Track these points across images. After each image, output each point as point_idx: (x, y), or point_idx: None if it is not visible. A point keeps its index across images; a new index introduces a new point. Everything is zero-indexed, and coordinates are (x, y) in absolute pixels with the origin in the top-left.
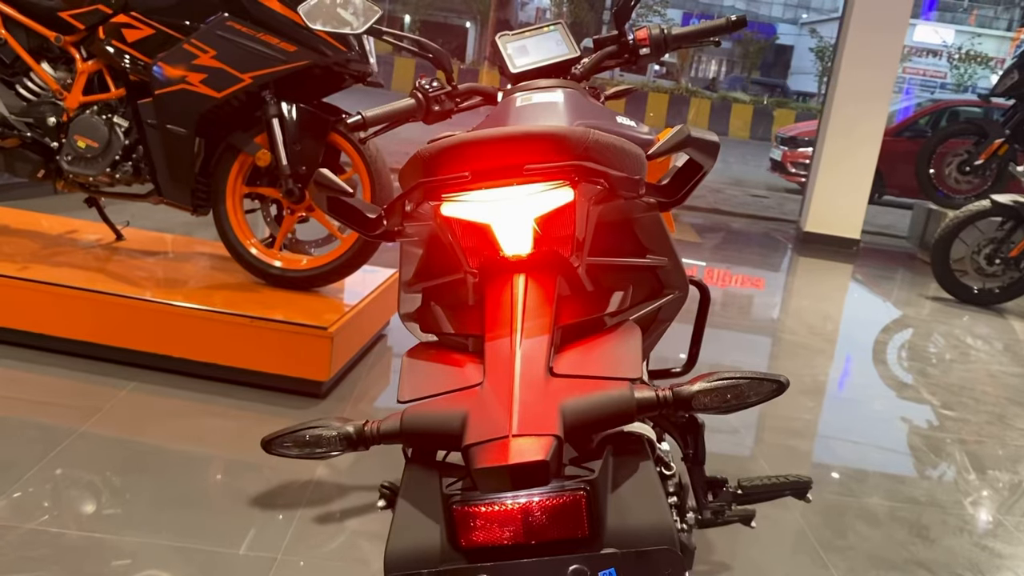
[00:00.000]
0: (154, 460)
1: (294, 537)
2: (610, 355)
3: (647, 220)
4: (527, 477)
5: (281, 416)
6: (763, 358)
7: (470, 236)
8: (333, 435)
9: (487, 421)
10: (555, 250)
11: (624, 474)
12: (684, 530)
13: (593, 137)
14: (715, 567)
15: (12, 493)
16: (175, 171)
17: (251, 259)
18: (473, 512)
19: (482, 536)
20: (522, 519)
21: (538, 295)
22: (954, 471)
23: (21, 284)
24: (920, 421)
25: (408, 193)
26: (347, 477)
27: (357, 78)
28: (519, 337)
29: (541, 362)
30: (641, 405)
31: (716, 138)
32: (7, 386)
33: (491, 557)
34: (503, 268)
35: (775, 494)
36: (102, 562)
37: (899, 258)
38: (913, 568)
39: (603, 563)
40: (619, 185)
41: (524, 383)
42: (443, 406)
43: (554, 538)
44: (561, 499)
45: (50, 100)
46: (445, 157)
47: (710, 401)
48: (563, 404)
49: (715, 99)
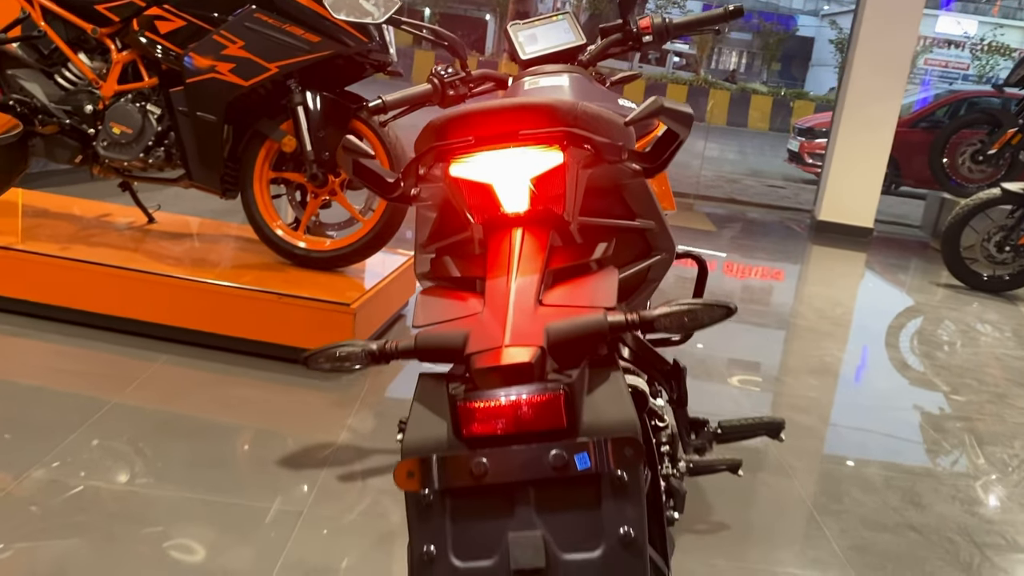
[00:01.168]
0: (186, 426)
1: (319, 494)
2: (590, 290)
3: (635, 186)
4: (516, 376)
5: (306, 387)
6: (772, 340)
7: (475, 195)
8: (359, 351)
9: (485, 336)
10: (549, 208)
11: (597, 381)
12: (676, 476)
13: (581, 108)
14: (714, 527)
15: (57, 452)
16: (205, 156)
17: (277, 240)
18: (472, 407)
19: (480, 427)
20: (513, 413)
21: (533, 244)
22: (951, 445)
23: (61, 263)
24: (922, 399)
25: (422, 156)
26: (369, 442)
27: (378, 67)
28: (515, 276)
29: (532, 295)
30: (613, 326)
31: (689, 110)
32: (48, 358)
33: (487, 444)
34: (504, 223)
35: (751, 433)
36: (141, 513)
37: (912, 247)
38: (904, 531)
39: (578, 448)
40: (603, 150)
41: (517, 310)
42: (449, 328)
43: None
44: (544, 396)
45: (87, 89)
46: (453, 125)
47: (669, 323)
48: (548, 325)
49: (734, 90)
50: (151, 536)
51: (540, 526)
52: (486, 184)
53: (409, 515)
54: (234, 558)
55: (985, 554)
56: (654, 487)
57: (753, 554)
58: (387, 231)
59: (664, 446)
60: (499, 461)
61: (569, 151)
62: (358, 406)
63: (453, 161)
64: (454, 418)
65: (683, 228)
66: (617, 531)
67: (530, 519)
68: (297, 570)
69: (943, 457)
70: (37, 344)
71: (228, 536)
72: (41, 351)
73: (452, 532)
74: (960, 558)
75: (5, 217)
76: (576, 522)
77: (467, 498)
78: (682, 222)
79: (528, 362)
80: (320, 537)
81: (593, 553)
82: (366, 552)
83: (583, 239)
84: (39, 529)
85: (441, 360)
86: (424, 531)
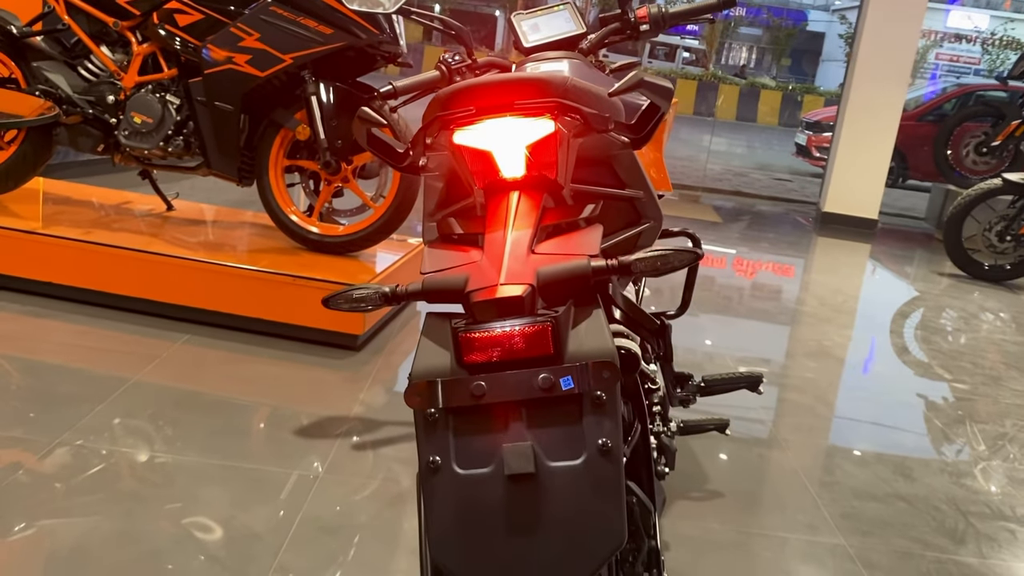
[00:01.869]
0: (206, 401)
1: (333, 461)
2: (577, 241)
3: (623, 157)
4: (509, 309)
5: (320, 365)
6: (773, 326)
7: (476, 162)
8: (374, 293)
9: (483, 277)
10: (543, 173)
11: (581, 317)
12: (667, 435)
13: (571, 83)
14: (708, 494)
15: (84, 422)
16: (222, 145)
17: (292, 226)
18: (472, 338)
19: (478, 355)
20: (507, 342)
21: (528, 204)
22: (944, 423)
23: (83, 246)
24: (918, 381)
25: (428, 125)
26: (381, 415)
27: (388, 59)
28: (511, 230)
29: (525, 244)
30: (595, 269)
31: (669, 84)
32: (75, 336)
33: (485, 370)
34: (502, 187)
35: (732, 386)
36: (165, 476)
37: (917, 238)
38: (893, 500)
39: (563, 372)
40: (591, 120)
41: (511, 256)
42: (452, 273)
43: (529, 356)
44: (534, 328)
45: (108, 80)
46: (456, 97)
47: (644, 266)
48: (538, 268)
49: (743, 85)
50: (174, 498)
51: (530, 439)
52: (486, 151)
53: (417, 431)
54: (254, 518)
55: (970, 521)
56: (644, 441)
57: (745, 519)
58: (397, 217)
59: (656, 406)
60: (495, 384)
61: (559, 120)
62: (370, 382)
63: (456, 130)
64: (456, 348)
65: (689, 220)
66: (596, 442)
67: (521, 433)
68: (313, 528)
69: (935, 434)
70: (61, 324)
71: (247, 498)
72: (65, 331)
73: (455, 445)
74: (946, 525)
75: (29, 204)
76: (561, 435)
77: (467, 416)
78: (688, 214)
79: (520, 296)
80: (334, 499)
81: (575, 460)
82: (378, 512)
83: (575, 204)
84: (66, 493)
85: (445, 300)
86: (430, 444)
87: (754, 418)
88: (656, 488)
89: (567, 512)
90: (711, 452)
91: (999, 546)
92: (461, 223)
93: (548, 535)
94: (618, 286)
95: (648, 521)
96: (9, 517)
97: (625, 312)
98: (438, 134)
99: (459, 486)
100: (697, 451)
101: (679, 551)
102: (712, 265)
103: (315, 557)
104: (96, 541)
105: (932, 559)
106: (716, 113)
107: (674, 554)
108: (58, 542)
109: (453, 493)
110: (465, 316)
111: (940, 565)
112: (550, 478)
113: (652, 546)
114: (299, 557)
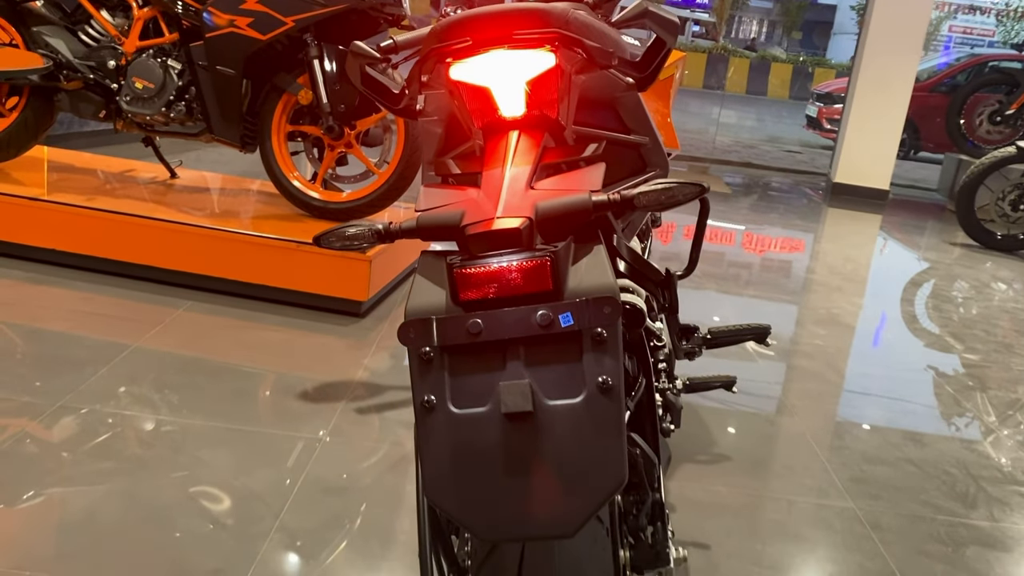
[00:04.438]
0: (209, 366)
1: (337, 424)
2: (578, 177)
3: (628, 99)
4: (505, 241)
5: (324, 332)
6: (783, 293)
7: (475, 99)
8: (366, 231)
9: (479, 211)
10: (544, 112)
11: (581, 254)
12: (673, 392)
13: (572, 15)
14: (716, 458)
15: (88, 385)
16: (225, 110)
17: (295, 192)
18: (468, 274)
19: (475, 292)
20: (504, 278)
21: (528, 143)
22: (955, 388)
23: (87, 213)
24: (927, 347)
25: (423, 60)
26: (385, 380)
27: (392, 22)
28: (509, 167)
29: (524, 180)
30: (596, 204)
31: (676, 19)
32: (78, 303)
33: (481, 307)
34: (501, 127)
35: (739, 338)
36: (167, 438)
37: (929, 209)
38: (902, 464)
39: (563, 309)
40: (593, 54)
41: (509, 191)
42: (447, 209)
43: (527, 292)
44: (533, 263)
45: (110, 45)
46: (452, 28)
47: (648, 201)
48: (537, 203)
49: (753, 58)
50: (177, 459)
51: (528, 377)
52: (484, 87)
53: (411, 370)
54: (257, 480)
55: (980, 485)
56: (648, 395)
57: (753, 482)
58: (401, 183)
59: (661, 363)
60: (492, 321)
61: (561, 54)
62: (374, 348)
63: (452, 64)
64: (451, 285)
65: None
66: (597, 379)
67: (519, 371)
68: (316, 489)
69: (946, 400)
70: (63, 291)
71: (251, 461)
72: (68, 297)
73: (450, 384)
74: (957, 489)
75: (32, 171)
76: (560, 373)
77: (463, 354)
78: None
79: (517, 228)
80: (338, 462)
81: (575, 399)
82: (381, 475)
83: (576, 146)
84: (69, 455)
85: (440, 237)
86: (424, 383)
87: (763, 383)
88: (661, 444)
89: (566, 451)
90: (719, 417)
91: (1011, 510)
92: (459, 162)
93: (546, 475)
94: (623, 238)
95: (652, 473)
96: (14, 476)
97: (630, 264)
98: (434, 70)
99: (454, 426)
100: (705, 416)
101: (685, 513)
102: (720, 235)
103: (317, 518)
104: (99, 502)
105: (943, 522)
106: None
107: (680, 516)
108: (64, 503)
109: (448, 433)
110: (461, 253)
111: (951, 528)
112: (548, 417)
113: (656, 499)
114: (301, 518)
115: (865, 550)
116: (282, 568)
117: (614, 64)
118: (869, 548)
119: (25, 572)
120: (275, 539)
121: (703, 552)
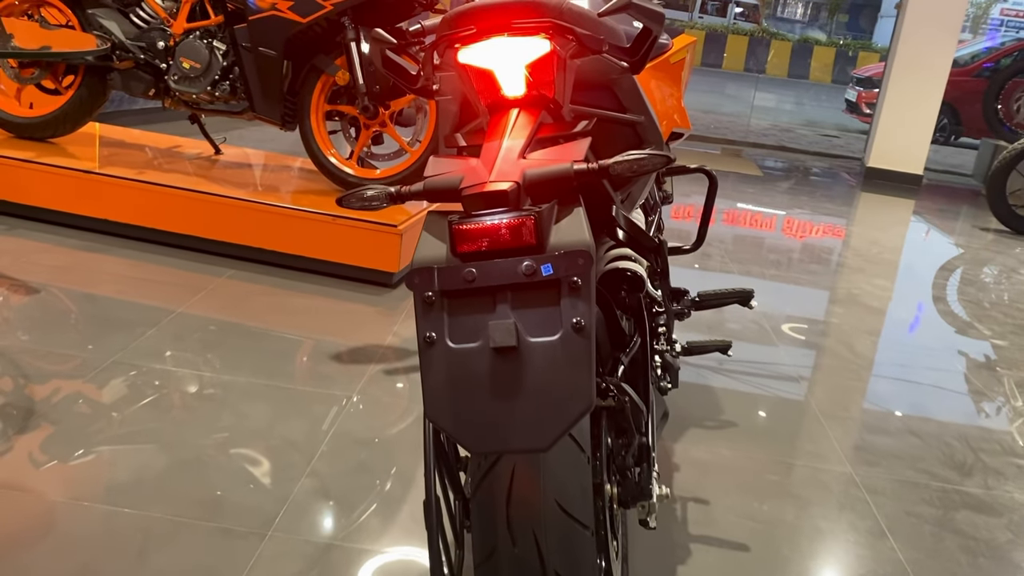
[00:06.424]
0: (248, 329)
1: (366, 384)
2: (564, 150)
3: (623, 81)
4: (496, 201)
5: (356, 300)
6: (805, 275)
7: (480, 81)
8: (381, 192)
9: (475, 176)
10: (542, 92)
11: (563, 215)
12: (672, 354)
13: (566, 6)
14: (721, 423)
15: (137, 344)
16: (267, 89)
17: (332, 168)
18: (464, 229)
19: (469, 245)
20: (494, 233)
21: (525, 119)
22: (965, 366)
23: (137, 186)
24: (944, 327)
25: (434, 45)
26: (412, 345)
27: (426, 5)
28: (506, 139)
29: (517, 152)
30: (577, 172)
31: (660, 9)
32: (127, 269)
33: (475, 258)
34: (504, 105)
35: (725, 301)
36: (212, 392)
37: (963, 195)
38: (904, 435)
39: (544, 260)
40: (584, 41)
41: (502, 160)
42: (449, 174)
43: (514, 246)
44: (519, 220)
45: (159, 27)
46: (459, 18)
47: (623, 169)
48: (525, 170)
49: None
50: (216, 411)
51: (514, 318)
52: (488, 70)
53: (416, 311)
54: (291, 430)
55: (979, 457)
56: (642, 352)
57: (754, 446)
58: None
59: (661, 327)
60: (484, 270)
61: (555, 40)
62: (404, 316)
63: (460, 49)
64: (451, 239)
65: (729, 172)
66: (571, 320)
67: (506, 313)
68: (345, 439)
69: (956, 376)
70: (114, 259)
71: (285, 413)
72: (118, 264)
73: (448, 322)
74: (955, 459)
75: (86, 146)
76: (541, 315)
77: (459, 298)
78: (729, 167)
79: (505, 190)
80: (366, 416)
81: (552, 336)
82: (405, 429)
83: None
84: (119, 405)
85: (442, 199)
86: (427, 322)
87: (769, 353)
88: (657, 400)
89: (544, 380)
90: (727, 386)
91: (1005, 479)
92: (466, 136)
93: (526, 399)
94: (622, 209)
95: (640, 420)
96: (69, 425)
97: (628, 233)
98: (444, 54)
99: (451, 357)
100: (714, 384)
101: (687, 471)
102: (752, 219)
103: (345, 465)
104: (148, 446)
105: (936, 488)
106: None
107: (681, 473)
108: (118, 442)
109: (446, 363)
110: (461, 213)
111: (944, 494)
112: (530, 351)
113: (643, 442)
114: (331, 464)
115: (858, 510)
116: (312, 506)
117: (605, 50)
118: (862, 508)
119: (84, 502)
120: (306, 483)
121: (702, 506)
